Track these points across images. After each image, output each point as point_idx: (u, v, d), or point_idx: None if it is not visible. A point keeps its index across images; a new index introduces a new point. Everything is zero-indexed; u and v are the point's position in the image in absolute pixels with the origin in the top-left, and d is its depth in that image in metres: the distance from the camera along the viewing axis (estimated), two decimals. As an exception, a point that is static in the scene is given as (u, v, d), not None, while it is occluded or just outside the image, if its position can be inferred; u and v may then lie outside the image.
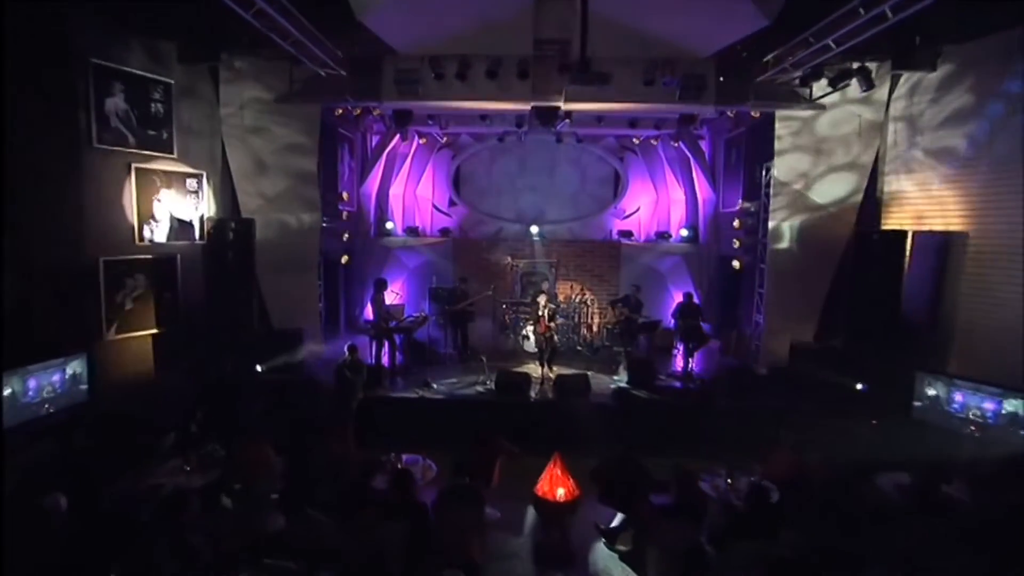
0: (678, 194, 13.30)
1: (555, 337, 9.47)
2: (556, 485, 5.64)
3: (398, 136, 12.68)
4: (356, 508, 4.99)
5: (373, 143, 13.28)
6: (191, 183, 8.54)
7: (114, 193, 7.54)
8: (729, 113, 9.96)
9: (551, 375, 9.25)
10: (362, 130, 12.36)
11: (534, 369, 9.87)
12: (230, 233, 8.45)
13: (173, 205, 8.27)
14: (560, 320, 10.59)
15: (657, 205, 13.54)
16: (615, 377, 9.42)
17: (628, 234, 13.00)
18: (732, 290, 11.67)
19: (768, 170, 9.96)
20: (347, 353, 7.95)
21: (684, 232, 12.78)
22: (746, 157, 11.36)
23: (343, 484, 5.38)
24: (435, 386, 8.76)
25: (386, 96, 8.93)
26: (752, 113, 9.71)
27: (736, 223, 10.28)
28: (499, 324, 11.35)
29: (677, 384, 9.31)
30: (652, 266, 12.68)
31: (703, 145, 13.03)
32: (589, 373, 9.45)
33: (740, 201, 10.31)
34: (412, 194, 13.64)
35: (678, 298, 12.17)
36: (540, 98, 8.81)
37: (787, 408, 8.03)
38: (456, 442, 6.78)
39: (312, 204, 9.75)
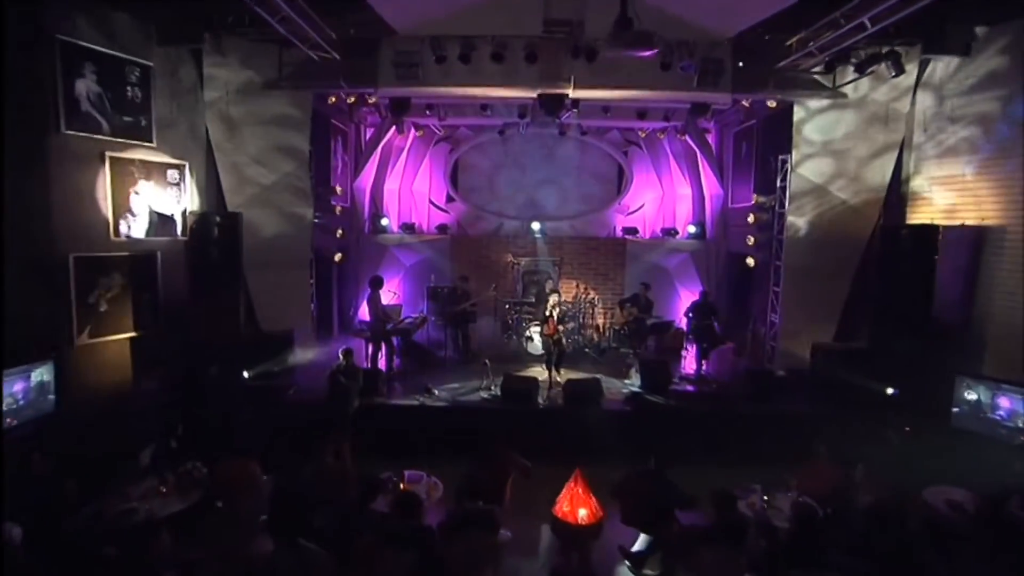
0: (684, 189, 12.76)
1: (563, 339, 8.87)
2: (577, 505, 5.06)
3: (393, 129, 12.14)
4: (355, 535, 4.39)
5: (367, 136, 12.68)
6: (172, 174, 7.88)
7: (86, 184, 6.85)
8: (744, 103, 9.42)
9: (559, 379, 8.66)
10: (356, 122, 11.73)
11: (539, 372, 9.27)
12: (215, 228, 7.78)
13: (152, 198, 7.60)
14: (571, 324, 10.00)
15: (662, 201, 12.99)
16: (626, 381, 8.85)
17: (633, 231, 12.45)
18: (743, 288, 11.16)
19: (784, 163, 9.45)
20: (341, 357, 7.33)
21: (692, 229, 12.24)
22: (758, 150, 10.85)
23: (339, 507, 4.76)
24: (436, 392, 8.14)
25: (383, 82, 8.31)
26: (768, 103, 9.18)
27: (751, 218, 9.76)
28: (502, 325, 10.74)
29: (692, 388, 8.75)
30: (659, 264, 12.13)
31: (710, 139, 12.53)
32: (598, 377, 8.91)
33: (754, 195, 9.79)
34: (408, 189, 13.02)
35: (689, 297, 11.67)
36: (548, 85, 8.23)
37: (813, 414, 7.53)
38: (461, 453, 6.23)
39: (303, 198, 9.12)
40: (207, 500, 5.07)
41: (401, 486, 5.41)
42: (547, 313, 8.62)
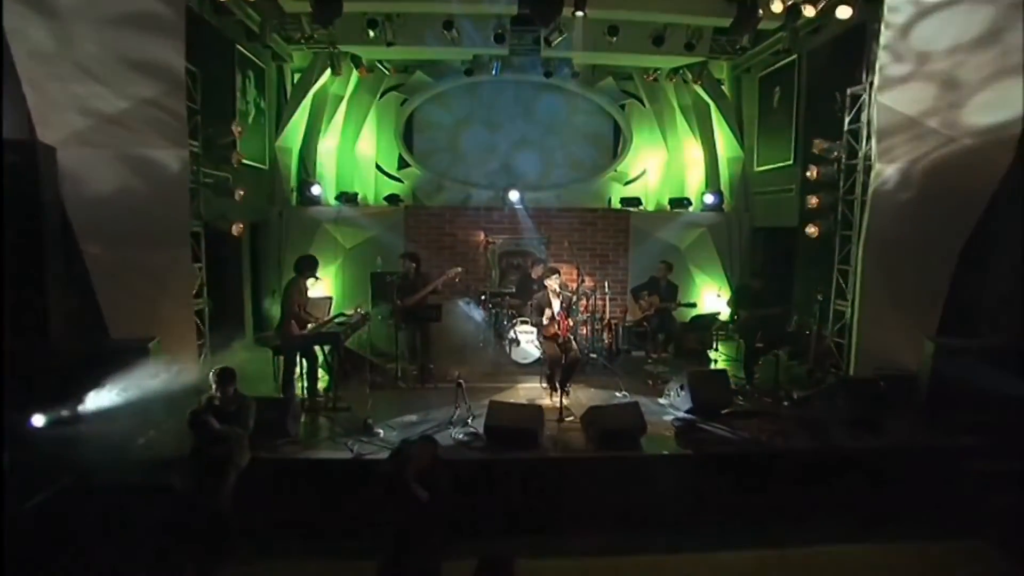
0: (695, 152, 9.88)
1: (574, 343, 5.78)
2: None
3: (328, 71, 8.88)
4: None
5: (294, 81, 9.36)
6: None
7: None
8: (808, 9, 6.55)
9: (568, 403, 5.59)
10: (269, 46, 8.28)
11: (530, 389, 6.25)
12: (-8, 168, 4.35)
13: None
14: (582, 317, 6.94)
15: (668, 166, 10.09)
16: (661, 401, 5.86)
17: (636, 201, 9.51)
18: (779, 271, 8.34)
19: (857, 98, 6.71)
20: (213, 385, 4.10)
21: (709, 198, 9.39)
22: (804, 90, 8.09)
23: None
24: (381, 433, 4.95)
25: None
26: (838, 14, 6.38)
27: (810, 173, 6.93)
28: (475, 323, 7.50)
29: (750, 409, 5.81)
30: (670, 242, 9.21)
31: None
32: (619, 394, 5.94)
33: (815, 143, 6.93)
34: (349, 152, 9.68)
35: (707, 283, 8.90)
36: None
37: (967, 449, 4.73)
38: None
39: (177, 140, 5.75)
40: None
41: None
42: (550, 305, 5.50)
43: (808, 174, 6.96)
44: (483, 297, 7.49)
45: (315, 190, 8.96)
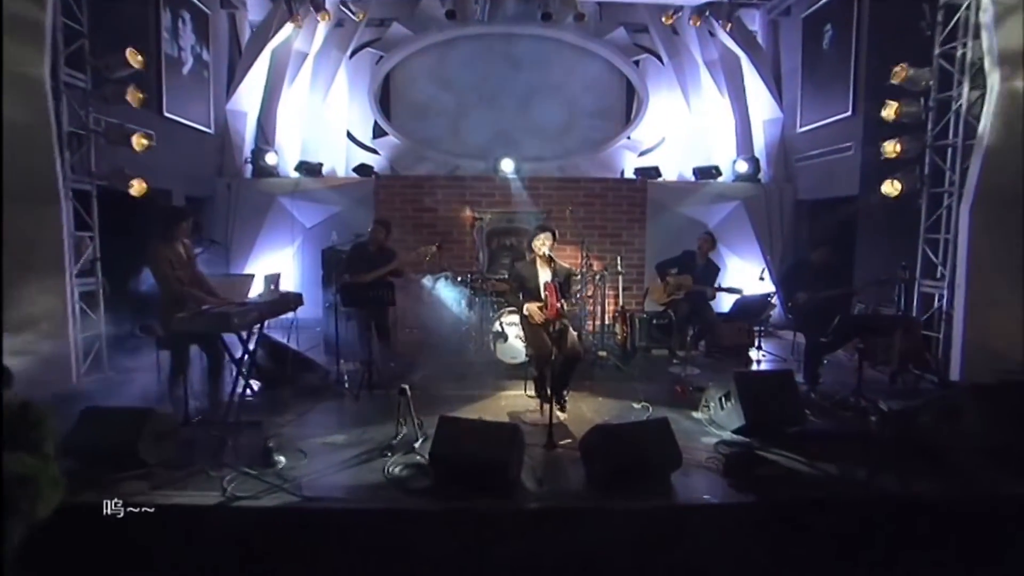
0: (723, 113, 8.09)
1: (573, 332, 3.98)
2: None
3: (289, 25, 7.29)
4: None
5: (249, 33, 7.80)
6: None
7: None
8: None
9: (564, 417, 3.83)
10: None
11: (515, 398, 4.49)
12: None
13: None
14: (591, 288, 5.17)
15: (691, 131, 8.28)
16: (698, 416, 4.07)
17: (653, 172, 7.74)
18: (835, 249, 6.47)
19: (954, 8, 4.93)
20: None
21: (742, 166, 7.61)
22: (863, 24, 6.29)
23: None
24: (282, 461, 3.22)
25: None
26: None
27: (887, 112, 5.07)
28: (448, 311, 5.76)
29: (826, 425, 3.99)
30: (695, 218, 7.42)
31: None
32: (638, 405, 4.18)
33: (898, 69, 5.08)
34: (315, 117, 8.05)
35: (741, 267, 7.13)
36: None
37: None
38: None
39: (28, 57, 4.15)
40: None
41: None
42: (536, 276, 3.76)
43: (884, 112, 5.13)
44: (460, 278, 5.75)
45: (270, 159, 7.36)
